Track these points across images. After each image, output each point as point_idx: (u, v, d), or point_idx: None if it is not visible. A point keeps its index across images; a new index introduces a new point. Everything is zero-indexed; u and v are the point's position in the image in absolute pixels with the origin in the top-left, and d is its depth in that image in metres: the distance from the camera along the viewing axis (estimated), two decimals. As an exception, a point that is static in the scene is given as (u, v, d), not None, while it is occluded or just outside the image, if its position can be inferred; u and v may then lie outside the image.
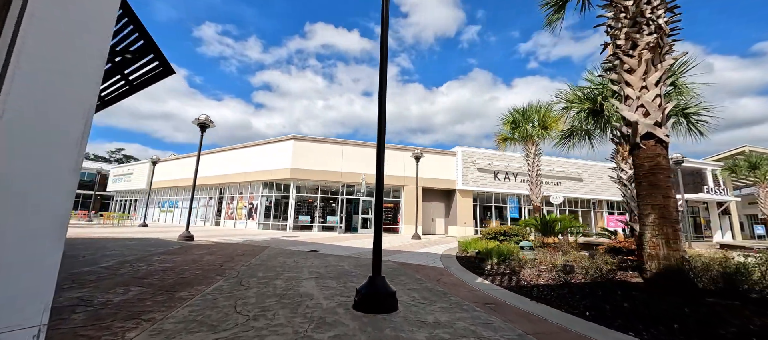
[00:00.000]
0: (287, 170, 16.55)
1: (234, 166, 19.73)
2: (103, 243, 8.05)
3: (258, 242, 10.18)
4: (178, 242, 9.20)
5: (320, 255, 7.37)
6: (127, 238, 9.87)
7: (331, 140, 17.52)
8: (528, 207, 20.70)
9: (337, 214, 17.04)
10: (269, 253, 7.42)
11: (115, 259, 5.64)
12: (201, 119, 10.38)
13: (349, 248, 9.24)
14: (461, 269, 6.10)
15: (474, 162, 19.18)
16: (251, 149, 18.98)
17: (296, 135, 16.94)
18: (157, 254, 6.43)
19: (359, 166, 17.41)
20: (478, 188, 19.14)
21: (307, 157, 16.84)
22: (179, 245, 8.23)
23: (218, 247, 8.23)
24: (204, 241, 9.81)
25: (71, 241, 8.40)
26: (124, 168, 30.91)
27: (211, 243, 9.18)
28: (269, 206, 17.90)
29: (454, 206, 19.10)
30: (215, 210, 20.95)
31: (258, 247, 8.66)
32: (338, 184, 17.41)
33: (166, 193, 25.52)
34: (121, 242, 8.38)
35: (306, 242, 10.70)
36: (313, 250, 8.56)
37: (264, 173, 17.69)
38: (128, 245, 7.74)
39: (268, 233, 15.21)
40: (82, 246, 7.27)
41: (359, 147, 17.80)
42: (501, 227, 10.07)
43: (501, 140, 11.04)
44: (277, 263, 5.95)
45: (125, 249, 7.00)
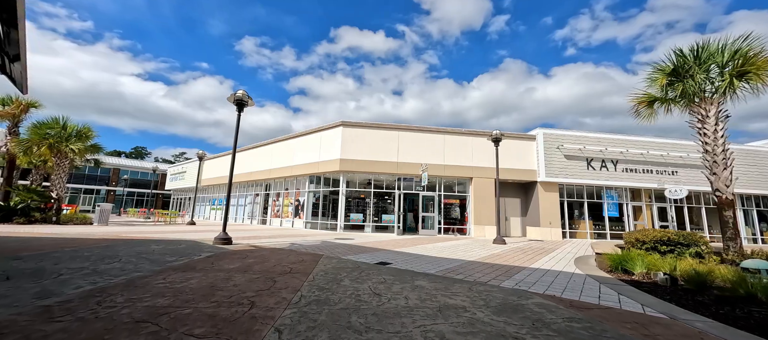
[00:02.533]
0: (336, 161, 14.42)
1: (278, 160, 18.22)
2: (121, 249, 6.31)
3: (307, 246, 7.98)
4: (212, 246, 7.29)
5: (402, 274, 4.77)
6: (159, 239, 8.29)
7: (385, 125, 15.04)
8: (638, 203, 16.27)
9: (393, 212, 14.51)
10: (325, 268, 5.01)
11: (96, 281, 3.57)
12: (237, 95, 8.45)
13: (433, 260, 6.55)
14: (681, 310, 3.05)
15: (560, 147, 15.37)
16: (296, 140, 17.26)
17: (345, 121, 14.75)
18: (169, 270, 4.32)
19: (419, 156, 14.67)
20: (565, 180, 15.32)
21: (357, 146, 14.55)
22: (210, 252, 6.22)
23: (257, 256, 6.06)
24: (243, 244, 7.86)
25: (92, 243, 6.87)
26: (179, 167, 31.79)
27: (251, 248, 7.11)
28: (317, 202, 15.97)
29: (535, 202, 15.49)
30: (261, 208, 19.74)
31: (308, 255, 6.36)
32: (394, 177, 14.88)
33: (215, 190, 25.28)
34: (144, 248, 6.61)
35: (365, 249, 8.25)
36: (383, 262, 6.02)
37: (310, 166, 15.80)
38: (145, 253, 5.86)
39: (317, 233, 13.17)
40: (88, 252, 5.53)
41: (418, 133, 15.07)
42: (656, 232, 6.64)
43: (643, 104, 7.42)
44: (344, 294, 3.45)
45: (135, 259, 5.07)
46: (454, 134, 15.29)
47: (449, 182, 15.53)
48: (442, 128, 15.27)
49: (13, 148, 13.84)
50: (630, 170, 15.94)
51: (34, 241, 7.01)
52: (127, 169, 38.49)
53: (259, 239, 9.44)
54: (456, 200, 15.43)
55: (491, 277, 4.94)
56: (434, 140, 15.04)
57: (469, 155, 15.11)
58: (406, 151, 14.75)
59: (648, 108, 7.47)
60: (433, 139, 15.06)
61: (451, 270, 5.46)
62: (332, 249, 7.72)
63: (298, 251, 7.12)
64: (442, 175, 14.78)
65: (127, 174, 37.74)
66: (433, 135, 15.13)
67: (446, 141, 15.08)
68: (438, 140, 15.06)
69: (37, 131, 13.66)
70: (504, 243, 10.80)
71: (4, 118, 14.08)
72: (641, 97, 7.46)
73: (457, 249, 8.90)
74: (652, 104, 7.40)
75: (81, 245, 6.53)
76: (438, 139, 15.07)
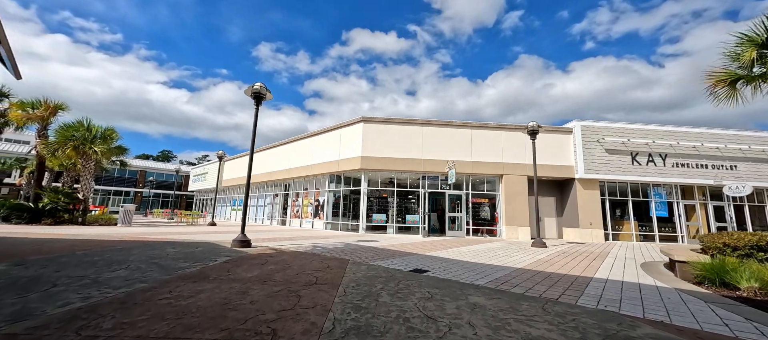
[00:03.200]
0: (357, 159, 13.75)
1: (298, 159, 17.80)
2: (135, 252, 5.85)
3: (331, 249, 7.31)
4: (230, 249, 6.74)
5: (448, 286, 3.95)
6: (176, 241, 7.88)
7: (408, 120, 14.22)
8: (686, 202, 14.63)
9: (418, 212, 13.66)
10: (356, 277, 4.27)
11: (90, 295, 2.98)
12: (255, 88, 7.90)
13: (475, 268, 5.69)
14: None
15: (600, 140, 14.00)
16: (316, 139, 16.75)
17: (366, 117, 14.05)
18: (178, 280, 3.71)
19: (444, 152, 13.76)
20: (606, 176, 13.93)
21: (379, 142, 13.82)
22: (226, 257, 5.64)
23: (278, 261, 5.42)
24: (263, 246, 7.28)
25: (108, 245, 6.48)
26: (200, 168, 32.27)
27: (270, 252, 6.51)
28: (337, 202, 15.38)
29: (572, 201, 14.20)
30: (281, 208, 19.42)
31: (333, 260, 5.66)
32: (417, 175, 14.04)
33: (235, 191, 25.32)
34: (158, 251, 6.13)
35: (394, 252, 7.47)
36: (419, 269, 5.23)
37: (330, 165, 15.22)
38: (158, 257, 5.34)
39: (338, 235, 12.54)
40: (98, 256, 5.06)
41: (444, 128, 14.15)
42: (751, 236, 5.46)
43: (721, 84, 6.20)
44: (388, 317, 2.68)
45: (144, 265, 4.53)
46: (483, 129, 14.26)
47: (477, 180, 14.52)
48: (469, 123, 14.29)
49: (41, 150, 14.08)
50: (681, 165, 14.34)
51: (50, 243, 6.72)
52: (153, 171, 39.65)
53: (279, 242, 8.87)
54: (485, 199, 14.38)
55: (558, 291, 4.04)
56: (461, 135, 14.07)
57: (498, 151, 14.04)
58: (431, 147, 13.88)
59: (729, 88, 6.25)
60: (460, 134, 14.10)
61: (503, 281, 4.59)
62: (358, 253, 7.00)
63: (321, 255, 6.44)
64: (469, 172, 13.79)
65: (152, 176, 38.86)
66: (459, 130, 14.16)
67: (474, 136, 14.08)
68: (464, 135, 14.08)
69: (62, 133, 13.82)
70: (544, 246, 9.73)
71: (34, 121, 14.36)
72: (721, 75, 6.25)
73: (494, 253, 7.96)
74: (735, 83, 6.18)
75: (95, 248, 6.13)
76: (464, 134, 14.09)
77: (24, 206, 12.90)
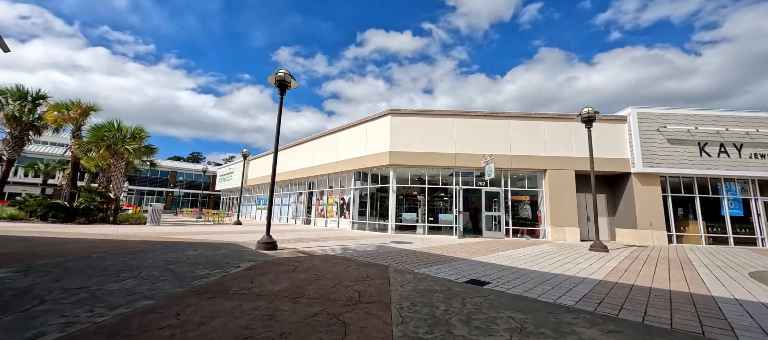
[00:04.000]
0: (384, 154, 12.89)
1: (322, 156, 17.23)
2: (152, 255, 5.30)
3: (363, 252, 6.49)
4: (254, 251, 6.08)
5: (531, 308, 2.95)
6: (199, 242, 7.37)
7: (440, 112, 13.17)
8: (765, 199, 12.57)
9: (451, 210, 12.61)
10: (406, 292, 3.38)
11: (76, 318, 2.28)
12: (279, 76, 7.22)
13: (543, 278, 4.64)
14: None
15: (661, 129, 12.28)
16: (340, 135, 16.08)
17: (393, 109, 13.17)
18: (192, 295, 2.99)
19: (480, 145, 12.60)
20: (669, 170, 12.19)
21: (408, 136, 12.89)
22: (251, 261, 4.94)
23: (308, 268, 4.64)
24: (289, 248, 6.59)
25: (129, 246, 6.02)
26: (226, 168, 32.76)
27: (298, 255, 5.77)
28: (364, 201, 14.61)
29: (627, 199, 12.58)
30: (305, 207, 18.97)
31: (371, 267, 4.81)
32: (450, 170, 12.98)
33: (260, 190, 25.31)
34: (178, 254, 5.56)
35: (436, 257, 6.53)
36: (477, 281, 4.27)
37: (356, 161, 14.47)
38: (176, 262, 4.72)
39: (367, 235, 11.76)
40: (111, 261, 4.51)
41: (479, 119, 12.98)
42: None
43: None
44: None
45: (157, 272, 3.88)
46: (522, 119, 12.95)
47: (516, 176, 13.24)
48: (506, 113, 13.03)
49: (75, 150, 14.35)
50: (760, 156, 12.33)
51: (71, 243, 6.37)
52: (183, 171, 40.96)
53: (306, 243, 8.17)
54: (525, 196, 13.07)
55: (687, 318, 2.95)
56: (497, 127, 12.85)
57: (541, 143, 12.69)
58: (464, 140, 12.76)
59: None
60: (496, 125, 12.88)
61: (595, 298, 3.55)
62: (395, 257, 6.12)
63: (355, 260, 5.62)
64: (508, 167, 12.55)
65: (182, 176, 40.13)
66: (495, 121, 12.94)
67: (513, 127, 12.81)
68: (502, 127, 12.84)
69: (94, 133, 14.00)
70: (605, 250, 8.41)
71: (68, 122, 14.68)
72: None
73: (552, 259, 6.82)
74: None
75: (114, 249, 5.66)
76: (502, 125, 12.86)
77: (59, 205, 13.14)
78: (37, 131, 15.75)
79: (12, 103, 14.40)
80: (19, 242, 6.47)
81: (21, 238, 7.13)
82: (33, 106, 14.93)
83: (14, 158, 15.23)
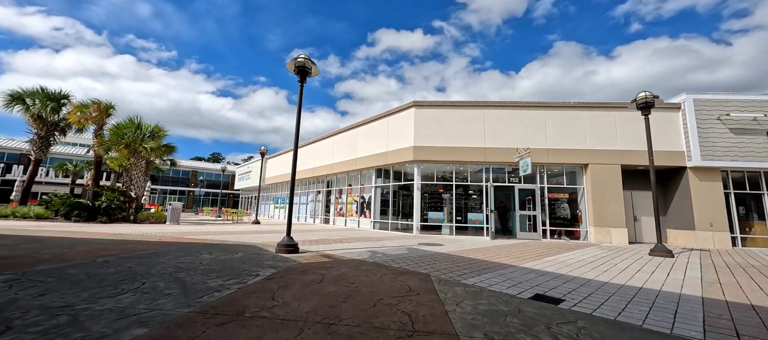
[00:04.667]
0: (408, 149, 12.09)
1: (340, 153, 16.62)
2: (162, 261, 4.75)
3: (394, 256, 5.73)
4: (274, 255, 5.44)
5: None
6: (216, 244, 6.85)
7: (467, 103, 12.22)
8: None
9: (482, 209, 11.65)
10: (471, 316, 2.58)
11: None
12: (298, 61, 6.56)
13: (623, 293, 3.73)
14: None
15: (723, 118, 10.85)
16: (359, 130, 15.40)
17: (418, 101, 12.33)
18: (198, 320, 2.32)
19: (512, 138, 11.58)
20: (732, 163, 10.75)
21: (433, 130, 12.03)
22: (270, 268, 4.29)
23: (337, 277, 3.93)
24: (312, 252, 5.93)
25: (140, 248, 5.53)
26: (245, 167, 32.89)
27: (323, 261, 5.08)
28: (386, 199, 13.86)
29: (682, 196, 11.22)
30: (324, 206, 18.45)
31: (410, 277, 4.04)
32: (479, 166, 12.02)
33: (278, 189, 25.09)
34: (191, 258, 4.99)
35: (477, 263, 5.69)
36: (544, 296, 3.42)
37: (377, 158, 13.75)
38: (186, 269, 4.12)
39: (391, 236, 11.02)
40: (114, 268, 3.96)
41: (511, 110, 11.93)
42: None
43: None
44: None
45: (162, 284, 3.26)
46: (560, 109, 11.81)
47: (555, 170, 12.12)
48: (542, 103, 11.93)
49: (96, 149, 14.38)
50: (844, 146, 10.66)
51: (82, 245, 5.96)
52: (203, 171, 41.65)
53: (329, 245, 7.51)
54: (563, 193, 11.94)
55: None
56: (531, 118, 11.78)
57: (581, 135, 11.52)
58: (495, 133, 11.77)
59: None
60: (530, 116, 11.81)
61: (720, 327, 2.63)
62: (432, 263, 5.33)
63: (387, 265, 4.88)
64: (544, 161, 11.47)
65: (202, 176, 40.80)
66: (529, 112, 11.87)
67: (548, 118, 11.70)
68: (536, 118, 11.76)
69: (115, 131, 13.95)
70: (670, 255, 7.28)
71: (90, 122, 14.74)
72: None
73: (611, 265, 5.83)
74: None
75: (123, 252, 5.17)
76: (537, 116, 11.77)
77: (82, 205, 13.14)
78: (62, 132, 15.96)
79: (37, 102, 14.59)
80: (33, 242, 6.13)
81: (36, 238, 6.83)
82: (57, 105, 15.10)
83: (41, 158, 15.47)
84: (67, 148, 32.05)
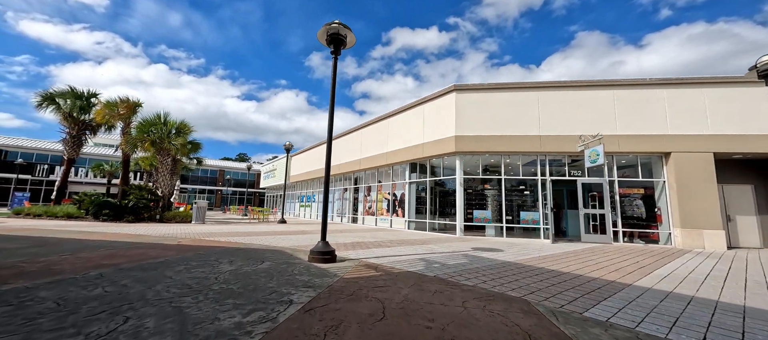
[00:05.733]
0: (449, 140, 10.70)
1: (369, 148, 15.48)
2: (175, 268, 3.74)
3: (456, 267, 4.44)
4: (308, 265, 4.32)
5: None
6: (241, 245, 5.87)
7: (517, 85, 10.62)
8: None
9: (537, 207, 10.04)
10: None
11: None
12: (331, 29, 5.40)
13: None
14: None
15: None
16: (390, 121, 14.16)
17: (459, 85, 10.90)
18: None
19: (574, 124, 9.90)
20: None
21: (478, 117, 10.55)
22: (306, 291, 3.13)
23: (401, 305, 2.69)
24: (351, 259, 4.77)
25: (153, 255, 4.61)
26: (270, 165, 32.71)
27: (370, 274, 3.88)
28: (422, 196, 12.53)
29: (794, 190, 9.06)
30: (351, 204, 17.43)
31: (503, 303, 2.72)
32: (531, 156, 10.41)
33: (303, 186, 24.44)
34: (209, 267, 3.96)
35: (564, 276, 4.27)
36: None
37: (411, 151, 12.45)
38: (199, 288, 3.04)
39: (431, 238, 9.73)
40: (111, 288, 2.96)
41: (571, 91, 10.21)
42: None
43: None
44: None
45: (152, 319, 2.17)
46: (633, 88, 9.95)
47: (627, 160, 10.29)
48: (609, 81, 10.11)
49: (123, 147, 14.14)
50: None
51: (90, 248, 5.15)
52: (230, 170, 42.23)
53: (368, 250, 6.33)
54: (637, 188, 10.07)
55: None
56: (597, 100, 10.01)
57: (660, 118, 9.62)
58: (552, 119, 10.12)
59: None
60: (595, 98, 10.04)
61: None
62: (513, 279, 3.98)
63: (458, 283, 3.59)
64: (612, 151, 9.68)
65: (229, 175, 41.35)
66: (594, 92, 10.11)
67: (618, 99, 9.89)
68: (603, 99, 9.98)
69: (141, 128, 13.62)
70: (820, 268, 5.43)
71: (117, 119, 14.55)
72: None
73: (754, 282, 4.19)
74: None
75: (127, 261, 4.24)
76: (603, 97, 9.99)
77: (110, 204, 12.87)
78: (93, 130, 15.95)
79: (67, 102, 14.57)
80: (38, 246, 5.41)
81: (46, 240, 6.16)
82: (86, 104, 15.05)
83: (74, 158, 15.51)
84: (104, 149, 33.32)
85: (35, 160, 29.86)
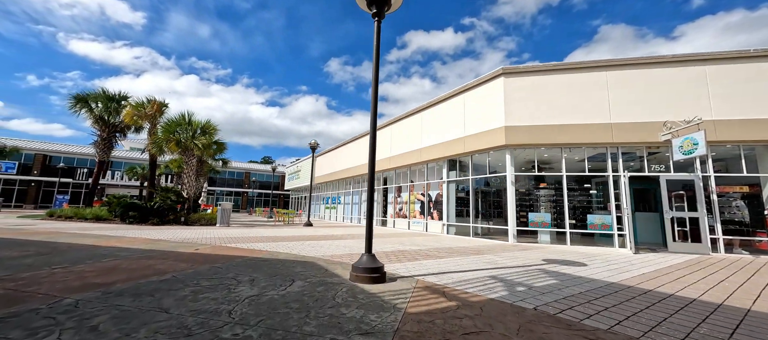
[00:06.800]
0: (498, 131, 9.30)
1: (400, 145, 14.32)
2: (182, 293, 2.73)
3: (543, 290, 3.14)
4: (352, 288, 3.19)
5: None
6: (266, 257, 4.89)
7: (580, 65, 9.05)
8: None
9: (610, 209, 8.41)
10: None
11: None
12: (375, -13, 4.30)
13: None
14: None
15: None
16: (425, 114, 12.90)
17: (507, 68, 9.49)
18: None
19: (652, 109, 8.22)
20: None
21: (532, 104, 9.09)
22: (360, 335, 1.97)
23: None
24: (404, 277, 3.61)
25: (165, 268, 3.70)
26: (294, 166, 32.41)
27: (439, 303, 2.69)
28: (463, 197, 11.18)
29: None
30: (380, 206, 16.32)
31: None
32: (598, 148, 8.79)
33: (328, 188, 23.70)
34: (225, 291, 2.94)
35: (705, 307, 2.80)
36: None
37: (450, 146, 11.14)
38: (211, 326, 1.94)
39: (480, 245, 8.41)
40: (107, 310, 1.97)
41: (647, 69, 8.51)
42: None
43: None
44: None
45: None
46: (730, 61, 8.11)
47: (716, 155, 8.45)
48: (699, 55, 8.32)
49: (150, 148, 13.89)
50: None
51: (88, 258, 4.35)
52: (255, 172, 42.63)
53: (415, 262, 5.15)
54: (739, 186, 8.20)
55: None
56: (680, 80, 8.26)
57: (763, 101, 7.72)
58: (624, 104, 8.47)
59: None
60: (678, 77, 8.30)
61: None
62: (658, 313, 2.62)
63: (576, 323, 2.30)
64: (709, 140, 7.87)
65: (255, 177, 41.73)
66: (676, 70, 8.36)
67: (710, 77, 8.09)
68: (688, 78, 8.21)
69: (166, 129, 13.28)
70: None
71: (144, 120, 14.36)
72: None
73: None
74: None
75: (124, 281, 3.33)
76: (688, 75, 8.22)
77: (136, 205, 12.57)
78: (123, 133, 15.95)
79: (99, 104, 14.57)
80: (42, 255, 4.69)
81: (56, 247, 5.50)
82: (117, 106, 15.01)
83: (105, 160, 15.53)
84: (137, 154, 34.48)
85: (76, 165, 31.31)
